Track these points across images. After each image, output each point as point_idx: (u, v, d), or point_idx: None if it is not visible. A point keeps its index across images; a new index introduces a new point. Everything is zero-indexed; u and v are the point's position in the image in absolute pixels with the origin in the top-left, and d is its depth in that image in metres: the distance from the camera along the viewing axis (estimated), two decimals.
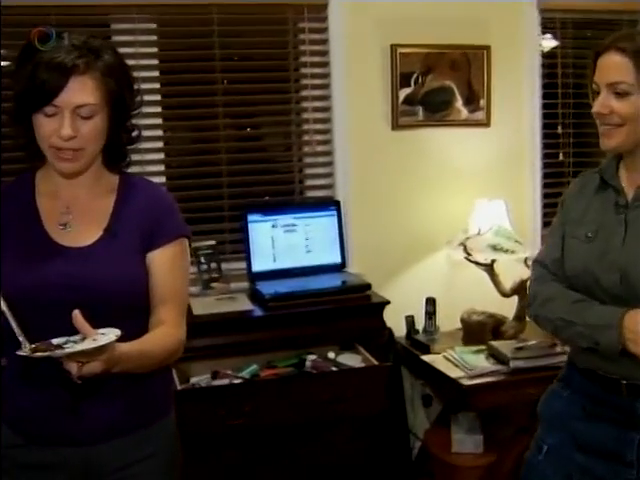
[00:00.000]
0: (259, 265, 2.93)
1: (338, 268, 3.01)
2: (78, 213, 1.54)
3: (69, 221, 1.53)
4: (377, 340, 2.83)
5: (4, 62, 2.59)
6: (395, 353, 2.97)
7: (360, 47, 3.02)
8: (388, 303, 2.82)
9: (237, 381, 2.61)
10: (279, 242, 2.96)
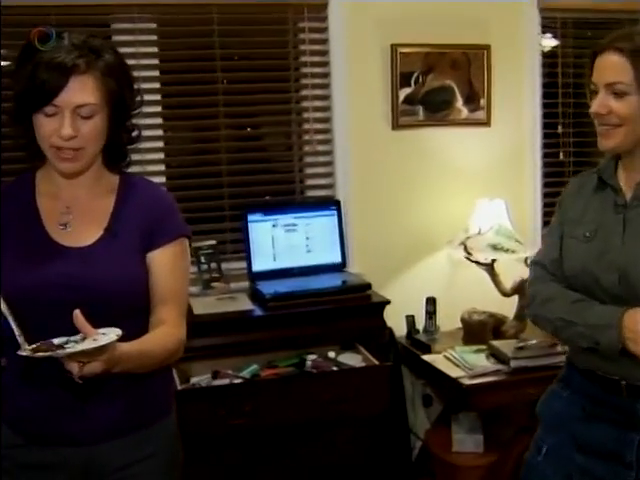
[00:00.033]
0: (259, 265, 2.92)
1: (338, 268, 3.01)
2: (78, 213, 1.54)
3: (69, 221, 1.53)
4: (378, 340, 2.83)
5: (4, 62, 2.59)
6: (396, 353, 2.97)
7: (360, 47, 3.02)
8: (388, 303, 2.82)
9: (237, 381, 2.61)
10: (279, 242, 2.95)
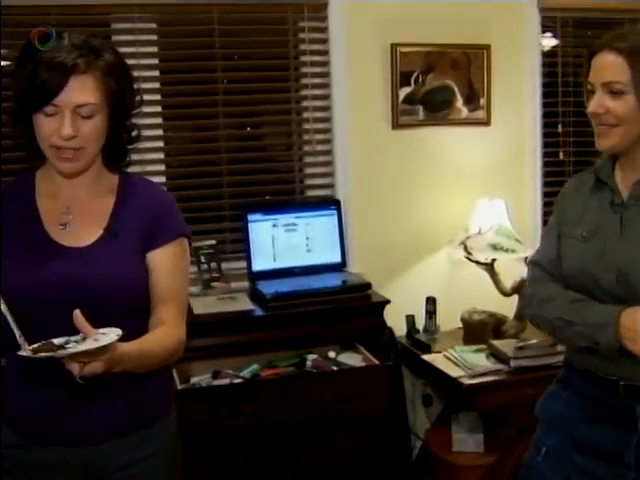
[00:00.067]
0: (259, 265, 2.92)
1: (338, 267, 3.01)
2: (78, 213, 1.54)
3: (69, 221, 1.53)
4: (378, 339, 2.83)
5: (4, 62, 2.59)
6: (396, 352, 2.97)
7: (360, 46, 3.02)
8: (388, 302, 2.82)
9: (238, 381, 2.61)
10: (279, 241, 2.95)
